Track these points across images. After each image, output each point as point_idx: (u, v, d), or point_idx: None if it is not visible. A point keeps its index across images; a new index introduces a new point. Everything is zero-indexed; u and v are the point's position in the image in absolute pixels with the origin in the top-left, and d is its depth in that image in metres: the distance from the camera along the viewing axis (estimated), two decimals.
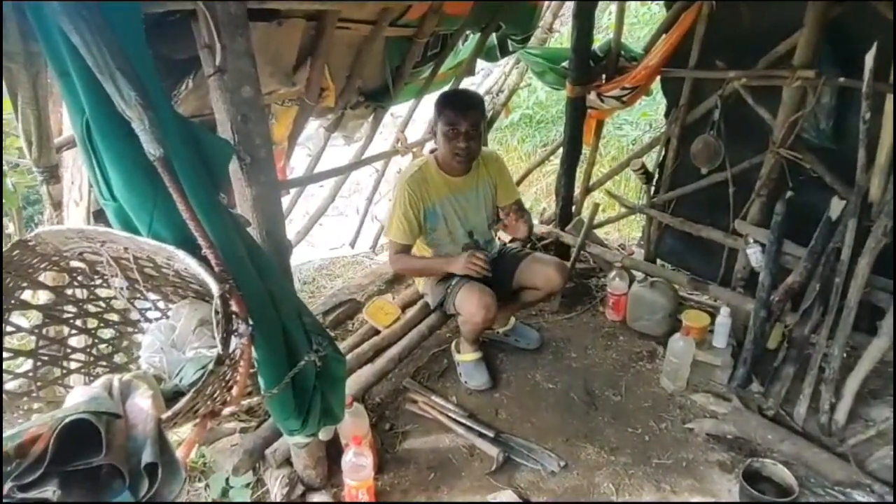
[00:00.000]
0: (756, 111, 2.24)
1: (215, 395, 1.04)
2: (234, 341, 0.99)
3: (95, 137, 0.89)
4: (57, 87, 0.93)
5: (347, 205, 3.24)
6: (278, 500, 1.84)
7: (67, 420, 0.72)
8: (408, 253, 2.25)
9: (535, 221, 3.41)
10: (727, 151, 2.38)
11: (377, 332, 2.49)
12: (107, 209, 1.01)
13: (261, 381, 1.18)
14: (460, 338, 2.45)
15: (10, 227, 1.84)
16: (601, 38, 3.36)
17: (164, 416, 0.87)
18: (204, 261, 1.01)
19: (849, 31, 2.01)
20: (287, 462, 1.93)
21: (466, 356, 2.39)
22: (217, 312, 0.94)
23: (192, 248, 0.99)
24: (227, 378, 1.06)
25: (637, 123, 4.60)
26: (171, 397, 1.15)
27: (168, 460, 0.79)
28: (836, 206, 2.06)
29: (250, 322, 1.04)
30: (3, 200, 1.40)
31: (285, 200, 2.75)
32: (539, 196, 4.60)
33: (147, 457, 0.77)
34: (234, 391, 1.15)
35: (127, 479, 0.76)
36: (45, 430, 0.73)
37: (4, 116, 1.35)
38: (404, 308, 2.65)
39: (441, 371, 2.48)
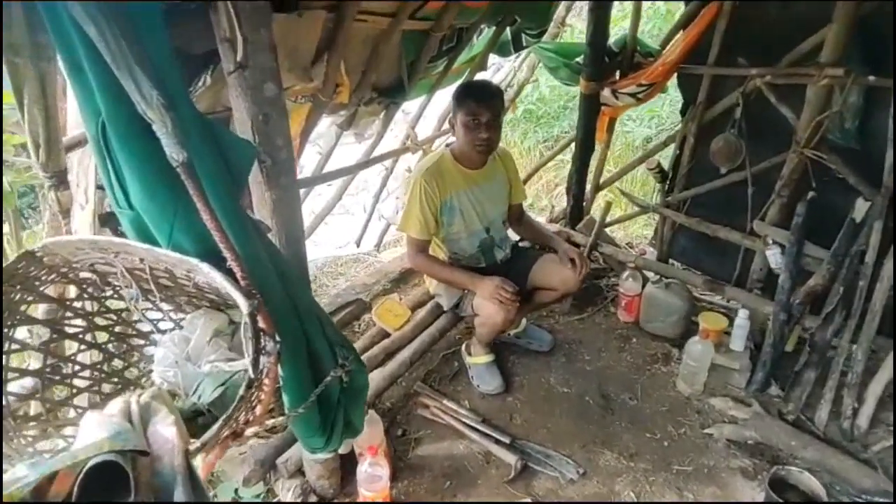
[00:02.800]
0: (777, 110, 2.19)
1: (240, 417, 0.97)
2: (261, 360, 0.92)
3: (112, 140, 0.81)
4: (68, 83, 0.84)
5: (354, 203, 3.16)
6: None
7: (92, 463, 0.64)
8: (426, 249, 2.18)
9: (542, 219, 3.35)
10: (746, 150, 2.33)
11: (386, 335, 2.42)
12: (122, 217, 0.93)
13: (285, 399, 1.11)
14: (471, 339, 2.39)
15: (5, 227, 1.75)
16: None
17: (191, 446, 0.80)
18: (227, 272, 0.93)
19: (877, 28, 1.96)
20: (299, 472, 1.87)
21: (478, 359, 2.33)
22: (246, 331, 0.87)
23: (215, 260, 0.92)
24: (252, 398, 0.99)
25: (642, 120, 4.54)
26: (190, 417, 1.08)
27: (200, 498, 0.72)
28: (860, 208, 2.02)
29: (277, 339, 0.97)
30: (4, 202, 1.31)
31: None
32: (539, 192, 4.54)
33: (179, 496, 0.69)
34: (258, 410, 1.08)
35: None
36: (62, 468, 0.66)
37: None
38: (413, 309, 2.58)
39: (452, 374, 2.42)
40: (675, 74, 2.51)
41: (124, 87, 0.75)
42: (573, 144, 2.91)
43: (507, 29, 2.52)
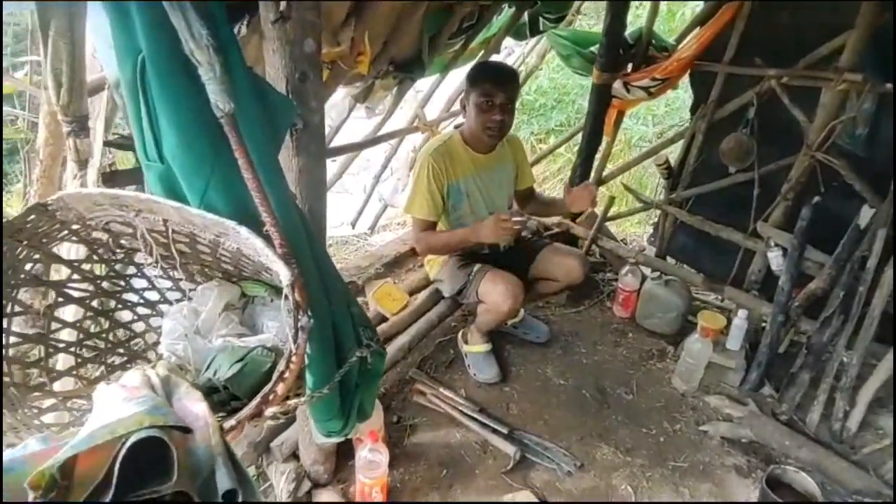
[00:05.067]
0: (787, 112, 2.20)
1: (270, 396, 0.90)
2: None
3: (151, 83, 0.72)
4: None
5: (354, 182, 3.05)
6: (285, 496, 1.71)
7: (134, 439, 0.57)
8: (433, 230, 2.11)
9: None
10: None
11: (383, 319, 2.36)
12: (148, 172, 0.84)
13: (308, 379, 1.04)
14: (468, 327, 2.35)
15: None
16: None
17: (226, 424, 0.73)
18: (264, 239, 0.86)
19: (890, 37, 1.97)
20: (293, 456, 1.80)
21: (476, 347, 2.30)
22: (287, 304, 0.80)
23: (252, 225, 0.84)
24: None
25: (640, 118, 4.54)
26: (205, 393, 1.01)
27: (243, 480, 0.65)
28: (865, 215, 2.05)
29: (309, 314, 0.90)
30: None
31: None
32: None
33: (223, 481, 0.62)
34: (280, 389, 1.01)
35: None
36: (98, 443, 0.58)
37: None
38: (411, 294, 2.52)
39: (448, 361, 2.38)
40: (689, 71, 2.49)
41: (174, 23, 0.67)
42: (575, 137, 2.88)
43: (526, 12, 2.47)
